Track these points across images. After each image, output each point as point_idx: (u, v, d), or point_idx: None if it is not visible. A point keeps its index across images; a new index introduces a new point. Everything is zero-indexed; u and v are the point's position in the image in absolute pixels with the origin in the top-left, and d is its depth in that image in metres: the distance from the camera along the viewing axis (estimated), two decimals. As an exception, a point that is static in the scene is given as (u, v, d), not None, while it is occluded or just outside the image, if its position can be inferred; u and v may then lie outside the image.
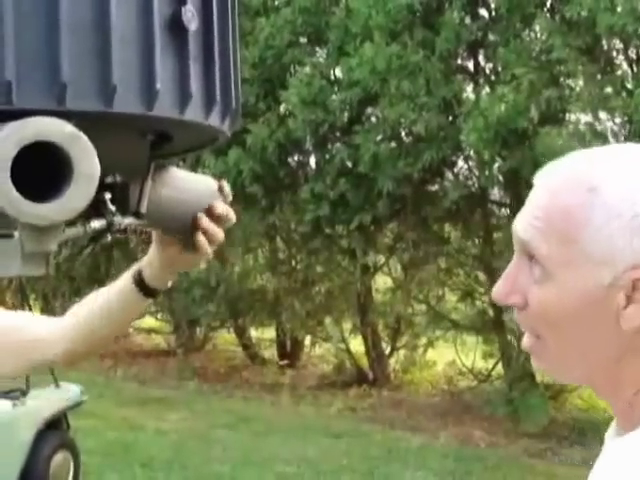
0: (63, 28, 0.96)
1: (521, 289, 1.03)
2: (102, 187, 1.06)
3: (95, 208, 1.08)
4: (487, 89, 8.56)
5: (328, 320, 10.90)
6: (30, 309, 6.98)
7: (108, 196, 1.10)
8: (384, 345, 10.75)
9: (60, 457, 6.02)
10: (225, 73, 1.17)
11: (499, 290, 1.05)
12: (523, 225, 1.03)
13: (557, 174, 1.03)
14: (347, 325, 10.84)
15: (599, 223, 0.97)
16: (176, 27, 1.07)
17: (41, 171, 0.96)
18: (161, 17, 1.05)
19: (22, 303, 6.76)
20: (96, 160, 0.95)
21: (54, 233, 0.98)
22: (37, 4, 0.96)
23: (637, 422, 0.99)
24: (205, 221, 1.32)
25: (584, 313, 0.99)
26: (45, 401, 6.07)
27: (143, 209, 1.19)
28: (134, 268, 1.49)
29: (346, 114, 9.09)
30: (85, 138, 0.95)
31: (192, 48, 1.09)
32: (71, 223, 1.05)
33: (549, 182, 1.03)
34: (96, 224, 1.09)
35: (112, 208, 1.11)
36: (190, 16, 1.08)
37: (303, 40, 9.65)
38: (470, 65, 8.96)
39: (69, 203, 0.94)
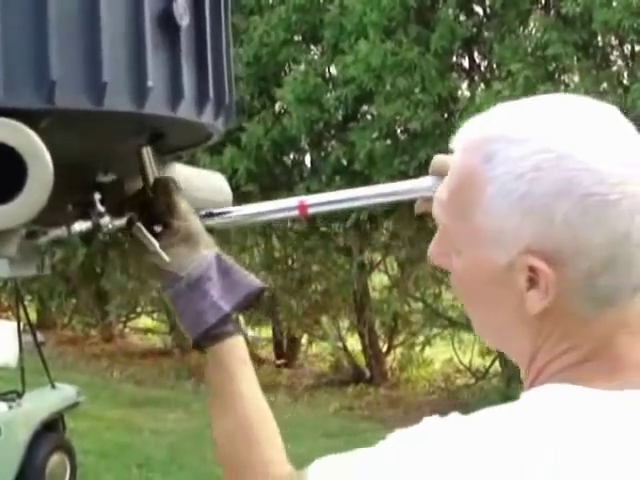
0: (52, 25, 0.94)
1: (448, 253, 0.96)
2: (92, 187, 1.03)
3: (84, 208, 1.05)
4: (482, 86, 8.55)
5: (325, 319, 10.88)
6: (25, 310, 6.94)
7: (98, 196, 1.06)
8: (381, 343, 10.73)
9: (56, 458, 6.01)
10: (218, 69, 1.15)
11: (431, 249, 0.99)
12: (436, 194, 0.95)
13: (463, 137, 0.91)
14: (344, 323, 10.82)
15: (489, 200, 0.86)
16: (167, 23, 1.05)
17: None
18: (152, 13, 1.03)
19: (17, 304, 6.72)
20: (49, 164, 0.90)
21: (10, 238, 0.94)
22: (25, 1, 0.93)
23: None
24: None
25: (492, 292, 0.91)
26: (41, 402, 6.05)
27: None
28: None
29: (341, 112, 9.06)
30: (38, 140, 0.90)
31: (184, 44, 1.07)
32: (56, 224, 1.02)
33: (457, 146, 0.92)
34: (82, 226, 1.05)
35: (101, 209, 1.07)
36: (182, 11, 1.05)
37: (298, 38, 9.62)
38: (465, 62, 8.94)
39: (21, 208, 0.90)
